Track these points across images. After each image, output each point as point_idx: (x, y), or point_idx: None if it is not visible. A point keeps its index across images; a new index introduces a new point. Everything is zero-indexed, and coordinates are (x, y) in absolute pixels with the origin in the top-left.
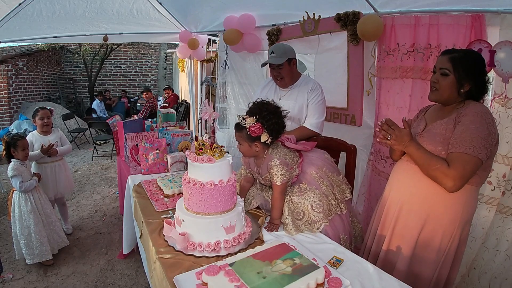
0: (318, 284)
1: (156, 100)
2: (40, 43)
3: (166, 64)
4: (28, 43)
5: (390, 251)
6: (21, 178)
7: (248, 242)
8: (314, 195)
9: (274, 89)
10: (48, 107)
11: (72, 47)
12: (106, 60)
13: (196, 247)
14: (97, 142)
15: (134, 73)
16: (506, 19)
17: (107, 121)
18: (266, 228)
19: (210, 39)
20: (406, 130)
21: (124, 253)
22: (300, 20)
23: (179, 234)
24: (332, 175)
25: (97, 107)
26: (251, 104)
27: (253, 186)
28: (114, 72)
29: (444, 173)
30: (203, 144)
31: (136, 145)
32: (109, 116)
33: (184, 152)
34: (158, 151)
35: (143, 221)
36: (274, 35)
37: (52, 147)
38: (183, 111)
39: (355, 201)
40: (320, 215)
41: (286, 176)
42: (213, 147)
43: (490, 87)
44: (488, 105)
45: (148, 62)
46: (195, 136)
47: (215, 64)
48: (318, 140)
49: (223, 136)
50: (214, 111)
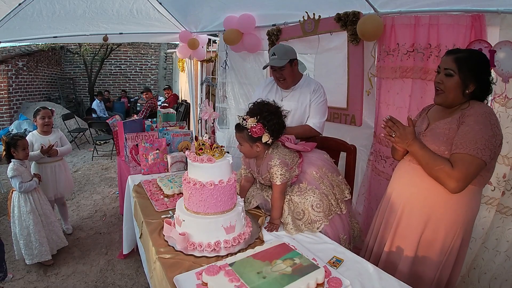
0: (318, 284)
1: (156, 100)
2: (40, 43)
3: (166, 64)
4: (28, 43)
5: (392, 252)
6: (21, 179)
7: (248, 242)
8: (314, 195)
9: (276, 90)
10: (49, 108)
11: (72, 47)
12: (106, 60)
13: (196, 247)
14: (97, 142)
15: (134, 73)
16: (506, 19)
17: (107, 121)
18: (266, 228)
19: (210, 39)
20: (410, 128)
21: (124, 253)
22: (300, 20)
23: (179, 234)
24: (332, 175)
25: (97, 107)
26: (251, 105)
27: (253, 186)
28: (114, 72)
29: (448, 173)
30: (203, 144)
31: (136, 145)
32: (109, 116)
33: (184, 152)
34: (158, 151)
35: (143, 221)
36: (274, 35)
37: (52, 147)
38: (183, 111)
39: (355, 201)
40: (320, 215)
41: (286, 176)
42: (213, 147)
43: (493, 87)
44: (488, 105)
45: (148, 62)
46: (195, 136)
47: (215, 64)
48: (318, 140)
49: (223, 136)
50: (214, 111)
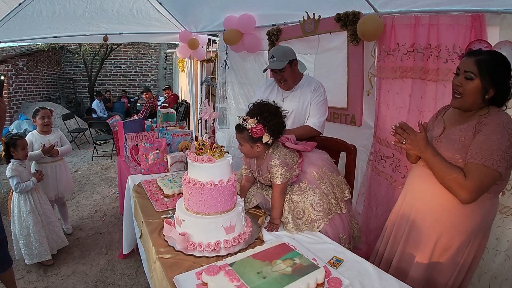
0: (318, 284)
1: (156, 100)
2: (40, 43)
3: (166, 64)
4: (28, 43)
5: (404, 258)
6: (19, 179)
7: (248, 242)
8: (314, 194)
9: (277, 91)
10: (48, 107)
11: (72, 47)
12: (106, 60)
13: (196, 247)
14: (97, 142)
15: (134, 73)
16: (506, 19)
17: (107, 121)
18: (266, 228)
19: (210, 39)
20: (421, 134)
21: (124, 253)
22: (300, 20)
23: (179, 234)
24: (332, 175)
25: (97, 107)
26: (251, 105)
27: (253, 185)
28: (114, 72)
29: (460, 184)
30: (203, 144)
31: (136, 145)
32: (109, 116)
33: (184, 152)
34: (158, 151)
35: (143, 221)
36: (274, 35)
37: (53, 147)
38: (183, 111)
39: (355, 201)
40: (320, 214)
41: (286, 175)
42: (213, 147)
43: None
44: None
45: (148, 62)
46: (195, 136)
47: (215, 64)
48: (318, 140)
49: (223, 136)
50: (214, 111)
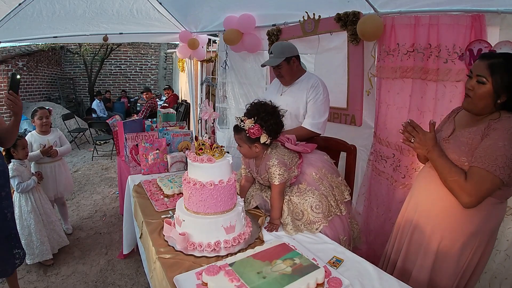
0: (318, 284)
1: (156, 100)
2: (40, 43)
3: (166, 64)
4: (28, 43)
5: (408, 260)
6: (20, 179)
7: (248, 242)
8: (313, 196)
9: (279, 85)
10: (47, 107)
11: (72, 47)
12: (106, 60)
13: (196, 247)
14: (97, 142)
15: (134, 73)
16: (506, 19)
17: (107, 121)
18: (266, 228)
19: (210, 39)
20: (430, 134)
21: (124, 253)
22: (300, 20)
23: (179, 234)
24: (331, 176)
25: (97, 107)
26: (248, 106)
27: (252, 186)
28: (114, 72)
29: (461, 186)
30: (203, 144)
31: (136, 145)
32: (109, 116)
33: (184, 152)
34: (158, 151)
35: (143, 221)
36: (274, 35)
37: (52, 148)
38: (183, 111)
39: (355, 201)
40: (319, 216)
41: (284, 176)
42: (213, 147)
43: None
44: None
45: (148, 62)
46: (195, 136)
47: (215, 64)
48: (318, 140)
49: (223, 136)
50: (214, 111)
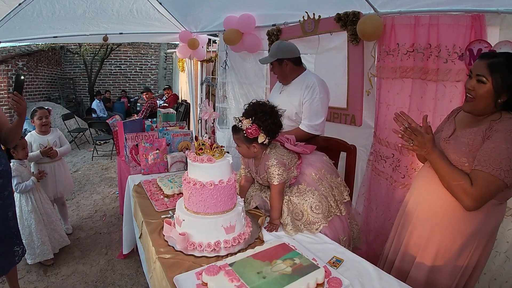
0: (318, 284)
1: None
2: (40, 43)
3: (166, 64)
4: (28, 43)
5: (405, 259)
6: (19, 179)
7: (248, 242)
8: (313, 196)
9: (280, 84)
10: (46, 107)
11: (72, 47)
12: (106, 60)
13: (196, 247)
14: (97, 142)
15: (134, 73)
16: (506, 19)
17: (107, 121)
18: (266, 228)
19: (210, 39)
20: (429, 136)
21: (124, 253)
22: (300, 20)
23: (179, 234)
24: (331, 177)
25: (97, 107)
26: (246, 106)
27: (252, 186)
28: (114, 72)
29: (465, 191)
30: (203, 144)
31: (136, 145)
32: (109, 116)
33: (184, 152)
34: (158, 151)
35: (143, 221)
36: (274, 35)
37: (52, 149)
38: (183, 111)
39: (355, 201)
40: (319, 216)
41: (284, 176)
42: (213, 147)
43: None
44: None
45: (148, 62)
46: (195, 136)
47: (215, 64)
48: (318, 140)
49: (223, 136)
50: (214, 111)
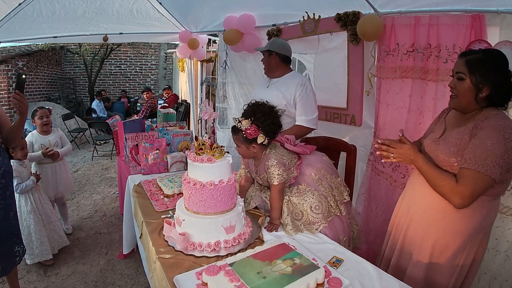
0: (318, 284)
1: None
2: (40, 43)
3: (166, 64)
4: (28, 43)
5: (402, 258)
6: (19, 179)
7: (248, 242)
8: (313, 197)
9: (267, 79)
10: (47, 107)
11: (72, 47)
12: (106, 60)
13: (196, 247)
14: (97, 142)
15: (134, 73)
16: (506, 19)
17: (107, 121)
18: (266, 228)
19: (210, 39)
20: (406, 146)
21: (124, 253)
22: (300, 20)
23: (179, 234)
24: (330, 177)
25: (96, 107)
26: (245, 106)
27: (252, 187)
28: (114, 72)
29: (452, 190)
30: (203, 144)
31: (136, 145)
32: (109, 116)
33: (184, 152)
34: (158, 151)
35: (143, 221)
36: (274, 35)
37: (54, 150)
38: (183, 111)
39: (355, 201)
40: (319, 217)
41: (284, 176)
42: (213, 147)
43: None
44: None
45: (148, 62)
46: (195, 136)
47: (215, 64)
48: (318, 140)
49: (223, 136)
50: (214, 111)
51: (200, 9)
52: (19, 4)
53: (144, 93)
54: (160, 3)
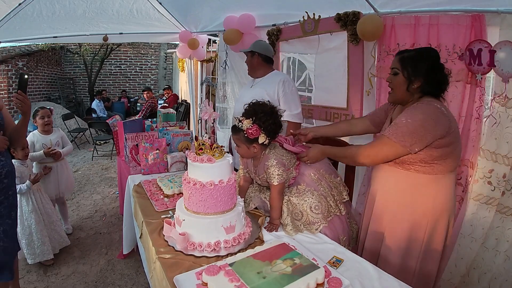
0: (318, 284)
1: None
2: (40, 43)
3: (166, 64)
4: (28, 43)
5: (373, 239)
6: (18, 180)
7: (248, 242)
8: (313, 197)
9: (252, 79)
10: (48, 107)
11: (72, 47)
12: (106, 60)
13: (196, 247)
14: (97, 142)
15: (134, 73)
16: (506, 19)
17: (107, 121)
18: (266, 228)
19: (210, 39)
20: (312, 149)
21: (124, 253)
22: (300, 20)
23: (179, 234)
24: (330, 176)
25: (96, 106)
26: (246, 106)
27: (251, 187)
28: (114, 72)
29: (357, 153)
30: (203, 144)
31: (136, 145)
32: (109, 116)
33: (184, 152)
34: (158, 151)
35: (143, 221)
36: (274, 35)
37: (56, 150)
38: (183, 111)
39: (356, 201)
40: (319, 217)
41: (283, 176)
42: (213, 147)
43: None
44: (488, 104)
45: (148, 62)
46: (195, 136)
47: (215, 64)
48: (318, 140)
49: (223, 136)
50: (214, 111)
51: (200, 9)
52: (19, 4)
53: (145, 92)
54: (160, 3)
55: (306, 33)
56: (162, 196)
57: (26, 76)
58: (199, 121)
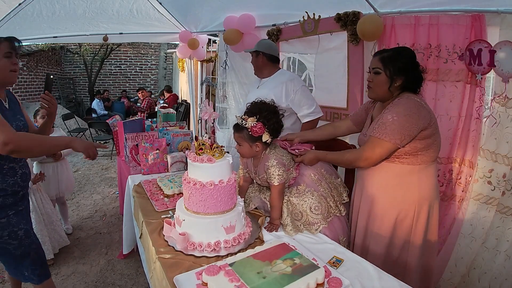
0: (318, 284)
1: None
2: (40, 43)
3: (166, 64)
4: (28, 43)
5: (363, 234)
6: None
7: (248, 242)
8: (312, 197)
9: (258, 79)
10: None
11: (72, 47)
12: (106, 60)
13: (196, 247)
14: (97, 142)
15: (134, 73)
16: (506, 19)
17: (107, 121)
18: (266, 228)
19: (210, 39)
20: (307, 154)
21: (124, 253)
22: (300, 20)
23: (179, 234)
24: (330, 177)
25: (97, 106)
26: (248, 104)
27: (251, 187)
28: (114, 72)
29: (354, 156)
30: (203, 144)
31: (136, 145)
32: (109, 116)
33: (184, 152)
34: (158, 151)
35: (143, 221)
36: (274, 35)
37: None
38: (183, 111)
39: None
40: (319, 217)
41: (284, 176)
42: (213, 147)
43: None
44: (488, 104)
45: (148, 62)
46: (195, 136)
47: (215, 64)
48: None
49: (223, 136)
50: (214, 111)
51: (200, 9)
52: (19, 4)
53: (139, 92)
54: (160, 3)
55: (306, 33)
56: (162, 196)
57: (52, 77)
58: (199, 121)
